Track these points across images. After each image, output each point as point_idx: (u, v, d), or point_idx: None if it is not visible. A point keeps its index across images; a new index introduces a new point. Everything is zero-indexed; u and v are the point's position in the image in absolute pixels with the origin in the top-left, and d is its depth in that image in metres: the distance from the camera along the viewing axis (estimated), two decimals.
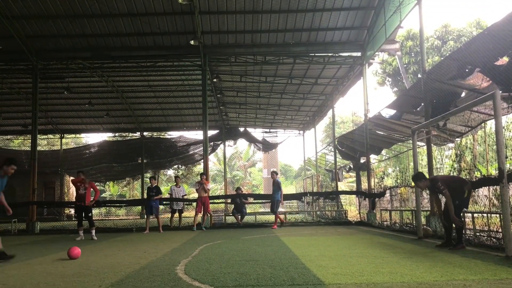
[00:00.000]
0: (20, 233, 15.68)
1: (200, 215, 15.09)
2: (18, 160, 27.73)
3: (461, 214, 8.08)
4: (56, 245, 10.18)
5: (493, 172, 11.07)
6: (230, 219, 18.26)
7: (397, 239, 9.69)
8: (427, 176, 9.18)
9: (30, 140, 19.89)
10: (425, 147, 13.58)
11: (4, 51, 16.38)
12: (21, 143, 37.24)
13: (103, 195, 41.56)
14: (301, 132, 31.73)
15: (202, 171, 17.47)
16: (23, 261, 7.24)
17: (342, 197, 24.04)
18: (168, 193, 15.57)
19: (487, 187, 9.88)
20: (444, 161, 16.33)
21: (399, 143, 19.08)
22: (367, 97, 17.07)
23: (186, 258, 6.91)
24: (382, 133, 17.65)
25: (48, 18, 16.04)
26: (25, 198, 21.30)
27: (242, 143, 38.15)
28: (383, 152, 22.16)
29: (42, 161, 23.99)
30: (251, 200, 19.38)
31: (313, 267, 5.65)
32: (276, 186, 15.08)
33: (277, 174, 15.84)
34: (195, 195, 15.27)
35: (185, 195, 16.00)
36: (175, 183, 16.20)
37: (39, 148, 25.34)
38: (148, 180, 17.40)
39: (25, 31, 16.68)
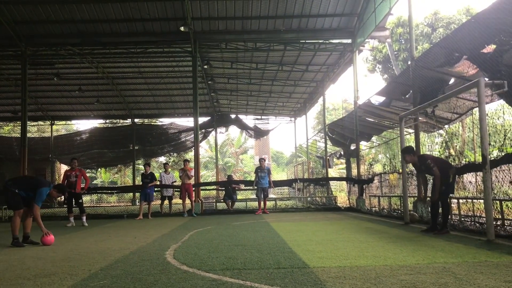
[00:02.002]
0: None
1: (187, 202, 15.22)
2: (9, 147, 27.52)
3: (448, 200, 8.22)
4: None
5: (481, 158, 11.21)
6: (221, 205, 18.40)
7: (384, 225, 9.85)
8: None
9: (20, 127, 19.79)
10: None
11: None
12: (11, 130, 36.95)
13: (94, 181, 41.54)
14: (293, 119, 31.80)
15: (186, 158, 17.64)
16: (14, 247, 7.31)
17: (332, 183, 24.26)
18: (158, 180, 15.67)
19: (475, 173, 10.06)
20: (434, 148, 16.53)
21: (389, 130, 19.22)
22: (357, 84, 17.11)
23: (176, 244, 7.01)
24: (372, 120, 17.77)
25: (36, 3, 15.84)
26: None
27: (233, 130, 38.24)
28: (373, 138, 22.32)
29: (32, 148, 23.89)
30: (242, 186, 19.52)
31: (299, 251, 5.76)
32: (267, 172, 15.30)
33: (265, 160, 16.08)
34: None
35: (175, 181, 16.06)
36: (164, 170, 16.28)
37: (29, 134, 25.22)
38: (142, 167, 17.46)
39: (14, 16, 16.48)
